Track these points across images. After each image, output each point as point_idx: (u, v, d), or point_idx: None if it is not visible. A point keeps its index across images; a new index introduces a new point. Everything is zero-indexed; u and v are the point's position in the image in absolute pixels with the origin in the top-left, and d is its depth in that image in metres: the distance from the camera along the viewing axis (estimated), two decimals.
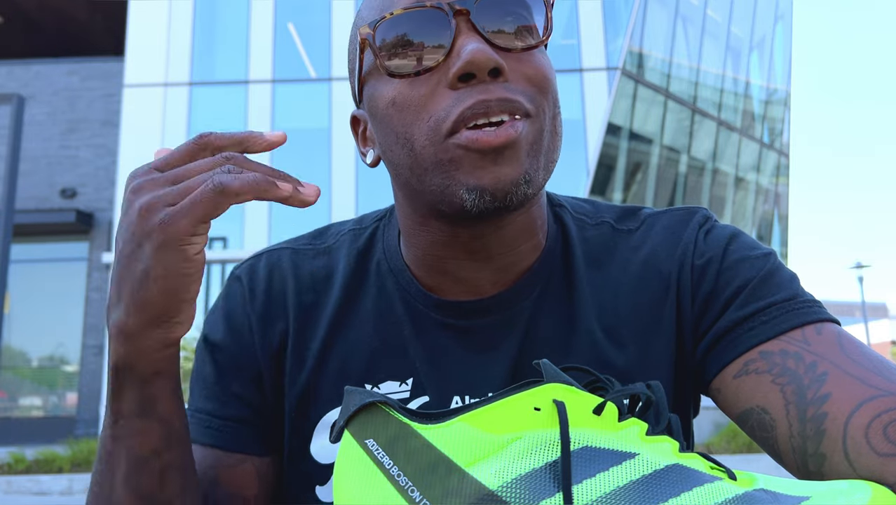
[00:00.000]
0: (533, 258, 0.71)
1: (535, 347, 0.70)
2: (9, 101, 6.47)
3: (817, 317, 0.63)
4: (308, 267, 0.77)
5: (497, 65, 0.60)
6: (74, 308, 12.88)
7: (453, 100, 0.60)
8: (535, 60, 0.63)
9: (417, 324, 0.72)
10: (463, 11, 0.61)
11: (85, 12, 14.64)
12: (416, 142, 0.62)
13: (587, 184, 12.00)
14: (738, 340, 0.64)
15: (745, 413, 0.62)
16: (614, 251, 0.73)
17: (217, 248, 12.25)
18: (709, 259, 0.69)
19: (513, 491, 0.47)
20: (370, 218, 0.81)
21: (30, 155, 12.52)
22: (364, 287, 0.75)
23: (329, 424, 0.71)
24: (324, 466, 0.71)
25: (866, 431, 0.54)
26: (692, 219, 0.73)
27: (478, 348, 0.70)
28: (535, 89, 0.63)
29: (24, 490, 7.27)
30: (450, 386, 0.70)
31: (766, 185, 17.66)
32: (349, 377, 0.72)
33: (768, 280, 0.66)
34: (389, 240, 0.76)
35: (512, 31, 0.63)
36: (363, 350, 0.72)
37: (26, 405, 13.24)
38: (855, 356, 0.59)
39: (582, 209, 0.77)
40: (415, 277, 0.73)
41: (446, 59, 0.61)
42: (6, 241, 6.09)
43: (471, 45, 0.59)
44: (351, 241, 0.78)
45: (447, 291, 0.71)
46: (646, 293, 0.70)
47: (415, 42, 0.62)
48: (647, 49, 13.31)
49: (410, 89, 0.62)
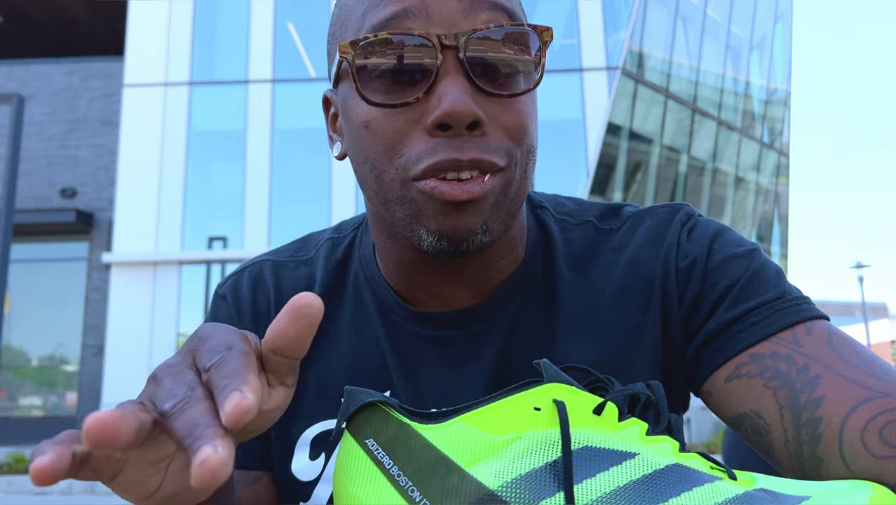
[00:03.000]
0: (511, 270, 0.70)
1: (514, 358, 0.68)
2: (9, 101, 6.47)
3: (807, 315, 0.62)
4: (289, 280, 0.76)
5: (476, 118, 0.57)
6: (74, 308, 12.88)
7: (426, 147, 0.58)
8: (518, 108, 0.61)
9: (394, 335, 0.70)
10: (452, 47, 0.58)
11: (85, 12, 14.64)
12: (384, 173, 0.61)
13: (587, 184, 12.00)
14: (728, 342, 0.63)
15: (739, 417, 0.62)
16: (597, 252, 0.71)
17: (217, 247, 12.25)
18: (693, 260, 0.67)
19: (513, 491, 0.47)
20: (348, 226, 0.79)
21: (30, 155, 12.52)
22: (342, 300, 0.74)
23: (308, 440, 0.71)
24: (304, 483, 0.70)
25: (862, 434, 0.53)
26: (674, 218, 0.71)
27: (454, 360, 0.69)
28: (511, 141, 0.61)
29: (24, 490, 7.27)
30: (426, 398, 0.68)
31: (766, 184, 17.66)
32: (328, 392, 0.71)
33: (755, 279, 0.65)
34: (365, 248, 0.75)
35: (501, 74, 0.60)
36: (341, 364, 0.71)
37: (26, 405, 13.24)
38: (847, 356, 0.58)
39: (564, 208, 0.75)
40: (391, 287, 0.71)
41: (426, 97, 0.58)
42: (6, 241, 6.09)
43: (453, 93, 0.57)
44: (329, 251, 0.77)
45: (424, 301, 0.70)
46: (629, 297, 0.68)
47: (396, 71, 0.59)
48: (647, 49, 13.31)
49: (386, 119, 0.60)
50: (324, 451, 0.70)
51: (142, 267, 12.06)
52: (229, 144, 12.51)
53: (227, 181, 12.51)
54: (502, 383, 0.67)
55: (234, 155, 12.39)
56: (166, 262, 12.10)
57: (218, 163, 12.66)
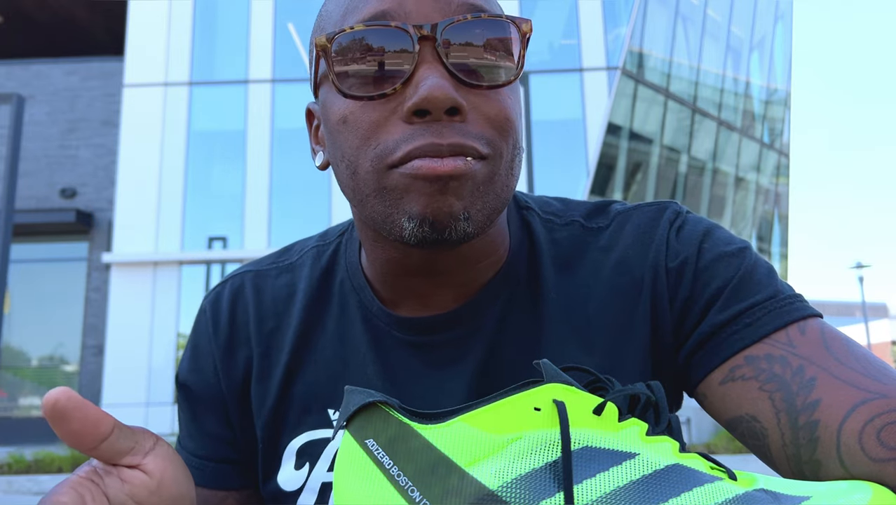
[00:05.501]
0: (494, 272, 0.69)
1: (499, 359, 0.67)
2: (9, 101, 6.47)
3: (800, 314, 0.61)
4: (270, 290, 0.76)
5: (455, 104, 0.56)
6: (74, 308, 12.88)
7: (405, 134, 0.57)
8: (500, 99, 0.59)
9: (377, 342, 0.70)
10: (428, 37, 0.57)
11: (85, 12, 14.64)
12: (359, 167, 0.59)
13: (587, 184, 12.00)
14: (721, 344, 0.62)
15: (735, 421, 0.61)
16: (584, 252, 0.70)
17: (217, 247, 12.25)
18: (683, 260, 0.66)
19: (513, 491, 0.47)
20: (334, 232, 0.79)
21: (30, 155, 12.53)
22: (327, 308, 0.73)
23: (294, 451, 0.71)
24: (289, 493, 0.71)
25: (860, 436, 0.53)
26: (662, 217, 0.69)
27: (437, 364, 0.68)
28: (494, 131, 0.59)
29: (24, 490, 7.27)
30: (409, 403, 0.67)
31: (766, 185, 17.67)
32: (313, 403, 0.71)
33: (747, 279, 0.64)
34: (351, 256, 0.74)
35: (479, 64, 0.58)
36: (326, 373, 0.71)
37: (26, 405, 13.24)
38: (842, 357, 0.58)
39: (551, 208, 0.74)
40: (376, 293, 0.71)
41: (404, 87, 0.57)
42: (6, 241, 6.09)
43: (430, 79, 0.55)
44: (314, 259, 0.76)
45: (407, 306, 0.69)
46: (617, 298, 0.67)
47: (372, 63, 0.58)
48: (647, 49, 13.32)
49: (362, 112, 0.58)
50: (308, 460, 0.70)
51: (142, 267, 12.07)
52: (229, 145, 12.51)
53: (227, 181, 12.51)
54: (487, 387, 0.66)
55: (234, 155, 12.39)
56: (166, 262, 12.10)
57: (218, 163, 12.66)
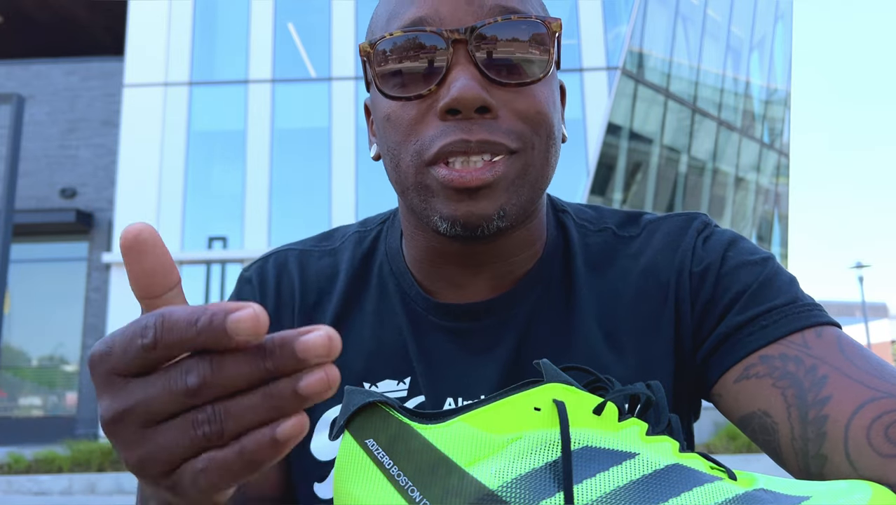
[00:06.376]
0: (530, 265, 0.72)
1: (531, 350, 0.70)
2: (9, 101, 6.47)
3: (817, 320, 0.63)
4: (314, 267, 0.79)
5: (484, 103, 0.60)
6: (74, 308, 12.87)
7: (439, 131, 0.62)
8: (532, 95, 0.63)
9: (415, 325, 0.73)
10: (461, 40, 0.61)
11: (85, 12, 14.64)
12: (401, 161, 0.65)
13: (587, 184, 12.00)
14: (738, 344, 0.64)
15: (747, 417, 0.63)
16: (615, 258, 0.73)
17: (217, 247, 12.25)
18: (707, 266, 0.69)
19: (513, 491, 0.47)
20: (375, 220, 0.83)
21: (30, 155, 12.52)
22: (366, 289, 0.76)
23: (329, 421, 0.72)
24: (322, 462, 0.72)
25: (868, 432, 0.54)
26: (690, 226, 0.73)
27: (472, 351, 0.71)
28: (525, 125, 0.63)
29: (24, 490, 7.27)
30: (443, 387, 0.70)
31: (766, 185, 17.66)
32: (348, 376, 0.72)
33: (767, 285, 0.66)
34: (392, 242, 0.78)
35: (511, 62, 0.62)
36: (362, 350, 0.73)
37: (26, 405, 13.24)
38: (855, 359, 0.59)
39: (585, 215, 0.78)
40: (415, 279, 0.74)
41: (438, 87, 0.62)
42: (6, 241, 6.09)
43: (461, 80, 0.60)
44: (355, 243, 0.80)
45: (445, 293, 0.73)
46: (645, 301, 0.70)
47: (410, 66, 0.63)
48: (647, 49, 13.31)
49: (402, 111, 0.64)
50: None
51: None
52: (229, 145, 12.50)
53: (226, 181, 12.51)
54: (519, 377, 0.69)
55: (234, 155, 12.38)
56: None
57: (218, 163, 12.65)
